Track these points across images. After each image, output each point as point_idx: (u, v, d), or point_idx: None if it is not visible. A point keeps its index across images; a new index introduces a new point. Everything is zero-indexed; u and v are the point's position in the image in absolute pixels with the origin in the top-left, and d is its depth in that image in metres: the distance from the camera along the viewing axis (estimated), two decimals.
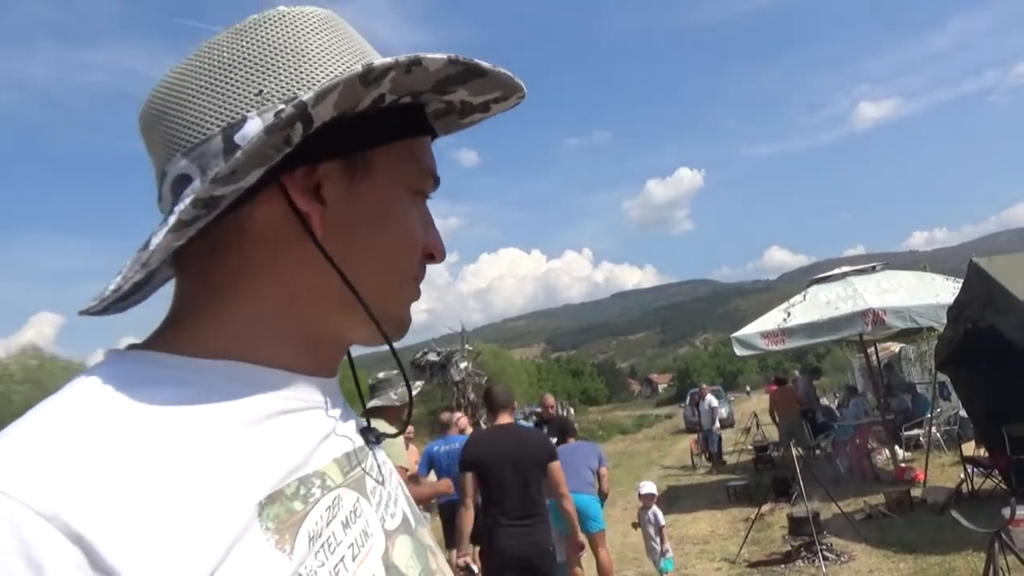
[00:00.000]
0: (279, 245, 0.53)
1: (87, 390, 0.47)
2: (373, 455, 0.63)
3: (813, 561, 5.83)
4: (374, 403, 3.46)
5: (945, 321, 7.06)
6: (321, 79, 0.52)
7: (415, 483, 6.56)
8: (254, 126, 0.50)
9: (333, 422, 0.58)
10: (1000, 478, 6.85)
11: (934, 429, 9.74)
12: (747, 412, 18.56)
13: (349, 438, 0.60)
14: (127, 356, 0.52)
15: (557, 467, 3.76)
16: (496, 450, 3.65)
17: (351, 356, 0.67)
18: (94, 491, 0.40)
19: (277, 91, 0.52)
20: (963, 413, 8.97)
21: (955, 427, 10.02)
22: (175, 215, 0.48)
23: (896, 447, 9.58)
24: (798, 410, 11.45)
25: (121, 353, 0.52)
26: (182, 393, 0.48)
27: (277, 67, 0.52)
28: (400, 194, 0.58)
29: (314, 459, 0.53)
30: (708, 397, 15.06)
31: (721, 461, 14.01)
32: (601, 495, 5.61)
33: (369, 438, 0.63)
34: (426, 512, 6.71)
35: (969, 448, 8.09)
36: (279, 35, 0.54)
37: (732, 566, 6.35)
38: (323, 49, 0.54)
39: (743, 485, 9.70)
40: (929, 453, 8.70)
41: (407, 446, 6.44)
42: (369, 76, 0.49)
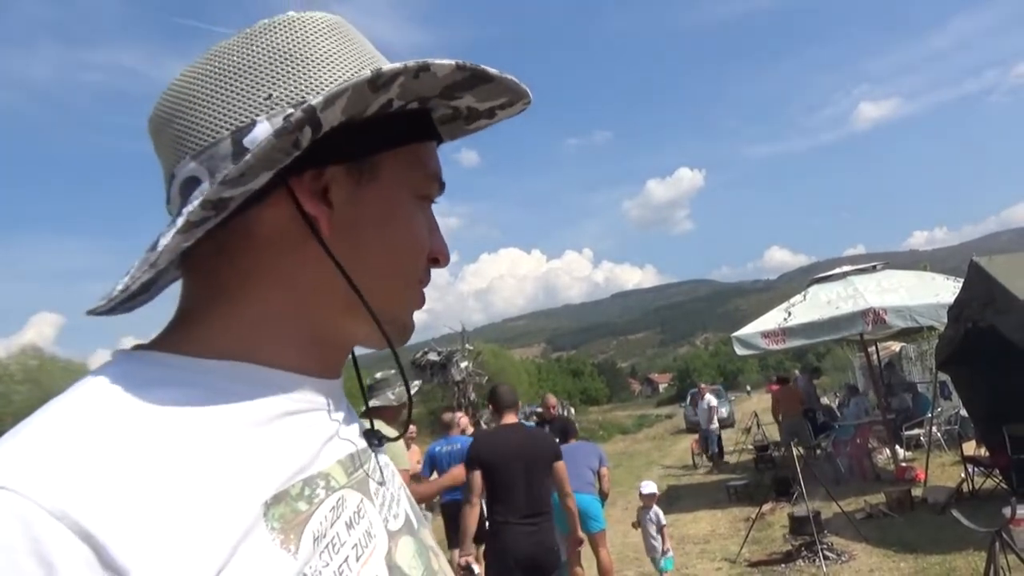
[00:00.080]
0: (286, 247, 0.54)
1: (95, 390, 0.47)
2: (376, 457, 0.63)
3: (814, 560, 5.83)
4: (372, 403, 3.47)
5: (945, 320, 7.06)
6: (329, 84, 0.53)
7: (417, 483, 6.58)
8: (263, 130, 0.50)
9: (337, 424, 0.58)
10: (1001, 478, 6.85)
11: (935, 428, 9.74)
12: (747, 412, 18.56)
13: (352, 440, 0.60)
14: (134, 357, 0.52)
15: (562, 467, 3.80)
16: (504, 449, 3.65)
17: (355, 357, 0.67)
18: (103, 490, 0.40)
19: (286, 95, 0.52)
20: (964, 412, 8.97)
21: (956, 426, 10.02)
22: (183, 216, 0.49)
23: (897, 446, 9.59)
24: (801, 409, 11.43)
25: (128, 354, 0.52)
26: (189, 394, 0.48)
27: (286, 71, 0.53)
28: (406, 198, 0.58)
29: (319, 460, 0.54)
30: (707, 396, 15.03)
31: (722, 461, 14.02)
32: (601, 495, 5.62)
33: (372, 440, 0.64)
34: (427, 512, 6.71)
35: (970, 447, 8.10)
36: (288, 40, 0.54)
37: (733, 566, 6.36)
38: (331, 54, 0.54)
39: (744, 485, 9.70)
40: (930, 452, 8.71)
41: (408, 446, 6.46)
42: (378, 81, 0.50)
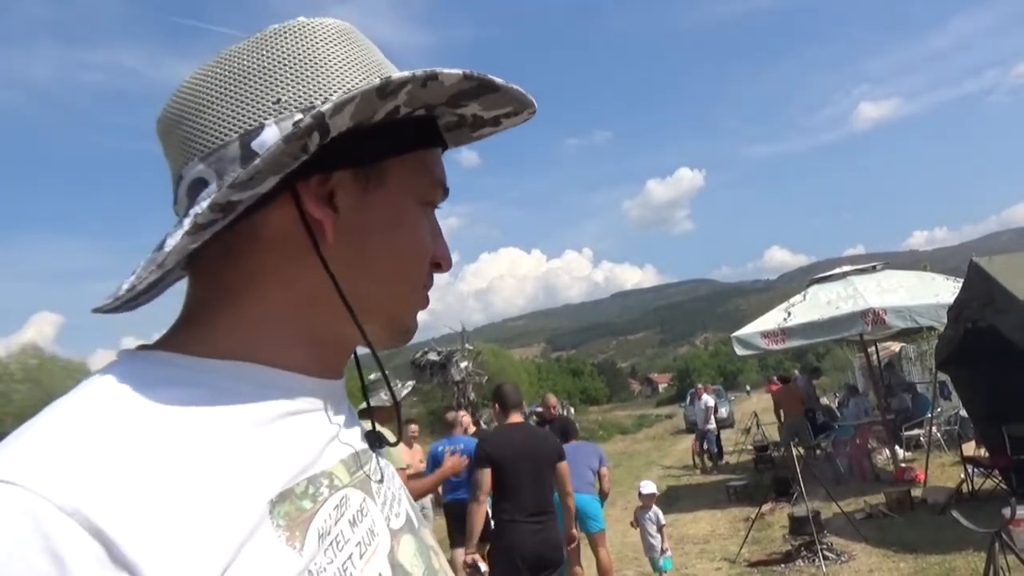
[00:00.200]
0: (290, 251, 0.54)
1: (102, 389, 0.47)
2: (376, 457, 0.64)
3: (813, 561, 5.83)
4: (364, 405, 3.48)
5: (945, 321, 7.06)
6: (337, 90, 0.53)
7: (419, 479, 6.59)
8: (271, 134, 0.51)
9: (339, 424, 0.59)
10: (1000, 478, 6.85)
11: (934, 429, 9.75)
12: (747, 412, 18.55)
13: (354, 440, 0.61)
14: (140, 356, 0.53)
15: (565, 467, 3.84)
16: (513, 448, 3.67)
17: (358, 358, 0.68)
18: (113, 487, 0.41)
19: (294, 100, 0.53)
20: (963, 413, 8.97)
21: (955, 427, 10.03)
22: (191, 218, 0.49)
23: (896, 447, 9.58)
24: (802, 409, 11.43)
25: (133, 354, 0.53)
26: (195, 393, 0.49)
27: (295, 77, 0.53)
28: (412, 204, 0.59)
29: (322, 459, 0.54)
30: (704, 396, 14.90)
31: (722, 461, 14.00)
32: (601, 495, 5.62)
33: (372, 441, 0.64)
34: (428, 510, 6.72)
35: (969, 448, 8.10)
36: (298, 45, 0.54)
37: (732, 566, 6.36)
38: (340, 60, 0.55)
39: (743, 485, 9.70)
40: (929, 453, 8.71)
41: (410, 445, 6.48)
42: (386, 89, 0.50)
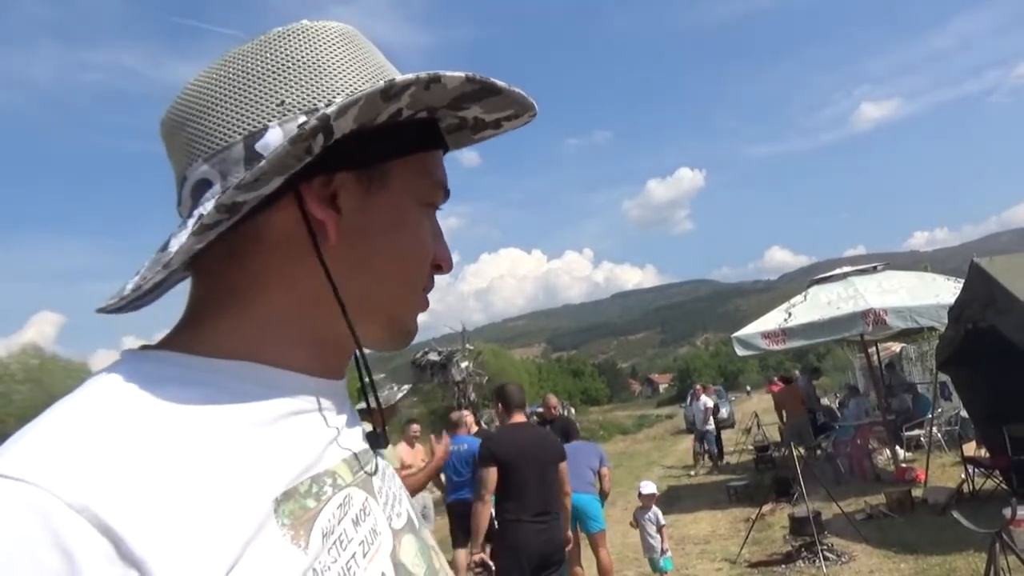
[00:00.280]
0: (294, 251, 0.55)
1: (108, 388, 0.48)
2: (377, 456, 0.64)
3: (814, 561, 5.83)
4: (360, 406, 3.50)
5: (946, 321, 7.06)
6: (340, 93, 0.54)
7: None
8: (275, 136, 0.52)
9: (341, 424, 0.60)
10: (1001, 478, 6.85)
11: (935, 429, 9.75)
12: (748, 412, 18.55)
13: (356, 440, 0.61)
14: (144, 356, 0.53)
15: (565, 467, 3.87)
16: (519, 448, 3.69)
17: (358, 360, 0.67)
18: (122, 485, 0.41)
19: (298, 102, 0.53)
20: (964, 413, 8.97)
21: (956, 427, 10.02)
22: (196, 218, 0.50)
23: (897, 447, 9.58)
24: (805, 409, 11.43)
25: (137, 353, 0.53)
26: (200, 393, 0.49)
27: (299, 79, 0.54)
28: (413, 205, 0.59)
29: (325, 459, 0.55)
30: (703, 397, 14.76)
31: (722, 461, 13.98)
32: (602, 495, 5.62)
33: (373, 441, 0.65)
34: (427, 508, 6.73)
35: (970, 448, 8.10)
36: (302, 48, 0.55)
37: (733, 566, 6.36)
38: (343, 63, 0.55)
39: (744, 485, 9.69)
40: (930, 453, 8.71)
41: (412, 445, 6.49)
42: (390, 91, 0.51)
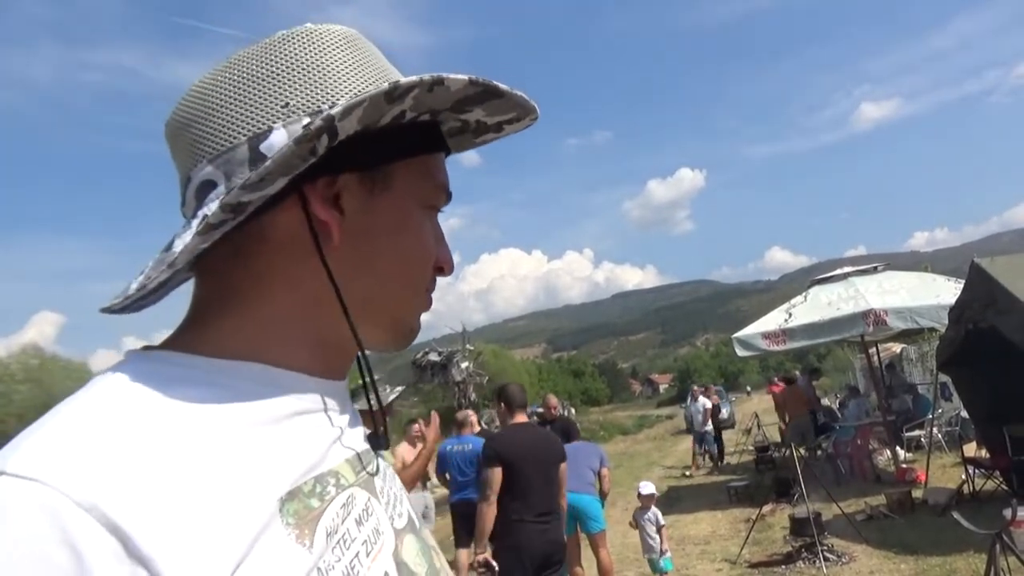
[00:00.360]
0: (298, 251, 0.55)
1: (114, 387, 0.48)
2: (378, 457, 0.65)
3: (814, 562, 5.82)
4: (358, 406, 3.51)
5: (946, 322, 7.06)
6: (344, 95, 0.54)
7: (422, 480, 6.63)
8: (279, 137, 0.52)
9: (343, 424, 0.60)
10: (1001, 479, 6.84)
11: (935, 430, 9.74)
12: (748, 413, 18.54)
13: (358, 440, 0.62)
14: (148, 356, 0.53)
15: (564, 468, 3.89)
16: (523, 448, 3.70)
17: (360, 361, 0.68)
18: (129, 483, 0.42)
19: (302, 104, 0.54)
20: (964, 414, 8.96)
21: (956, 428, 10.02)
22: (199, 219, 0.50)
23: (897, 448, 9.58)
24: (807, 410, 11.43)
25: (141, 353, 0.54)
26: (204, 393, 0.49)
27: (303, 81, 0.54)
28: (415, 207, 0.60)
29: (328, 459, 0.55)
30: (700, 398, 14.57)
31: (723, 462, 13.96)
32: (602, 495, 5.63)
33: (374, 442, 0.65)
34: (428, 508, 6.73)
35: (970, 449, 8.09)
36: (306, 51, 0.55)
37: (733, 567, 6.36)
38: (347, 66, 0.56)
39: (744, 486, 9.68)
40: (930, 454, 8.70)
41: (414, 444, 6.50)
42: (394, 93, 0.51)
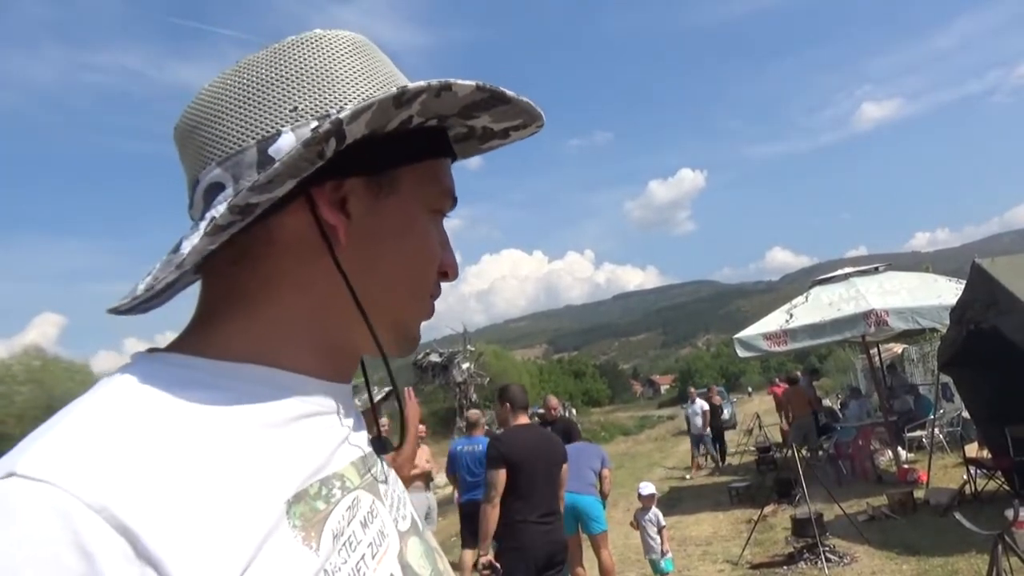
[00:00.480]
0: (305, 254, 0.55)
1: (123, 389, 0.48)
2: (381, 460, 0.65)
3: (816, 563, 5.82)
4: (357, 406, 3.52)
5: (948, 322, 7.05)
6: (352, 100, 0.55)
7: (425, 480, 6.64)
8: (288, 140, 0.52)
9: (348, 427, 0.60)
10: (1003, 480, 6.84)
11: (937, 430, 9.72)
12: (749, 413, 18.53)
13: (362, 443, 0.62)
14: (154, 358, 0.53)
15: (566, 468, 3.90)
16: (527, 449, 3.70)
17: (364, 364, 0.68)
18: (138, 485, 0.42)
19: (311, 108, 0.54)
20: (966, 414, 8.95)
21: (958, 428, 10.01)
22: (207, 220, 0.51)
23: (899, 448, 9.57)
24: (810, 410, 11.42)
25: (147, 355, 0.54)
26: (211, 395, 0.50)
27: (311, 86, 0.55)
28: (421, 212, 0.60)
29: (333, 461, 0.55)
30: (698, 401, 14.38)
31: (724, 463, 13.94)
32: (603, 496, 5.62)
33: (377, 446, 0.65)
34: (431, 510, 6.74)
35: (972, 450, 8.08)
36: (315, 56, 0.56)
37: (735, 568, 6.35)
38: (355, 72, 0.57)
39: (745, 486, 9.68)
40: (932, 454, 8.69)
41: (418, 445, 6.50)
42: (402, 98, 0.52)
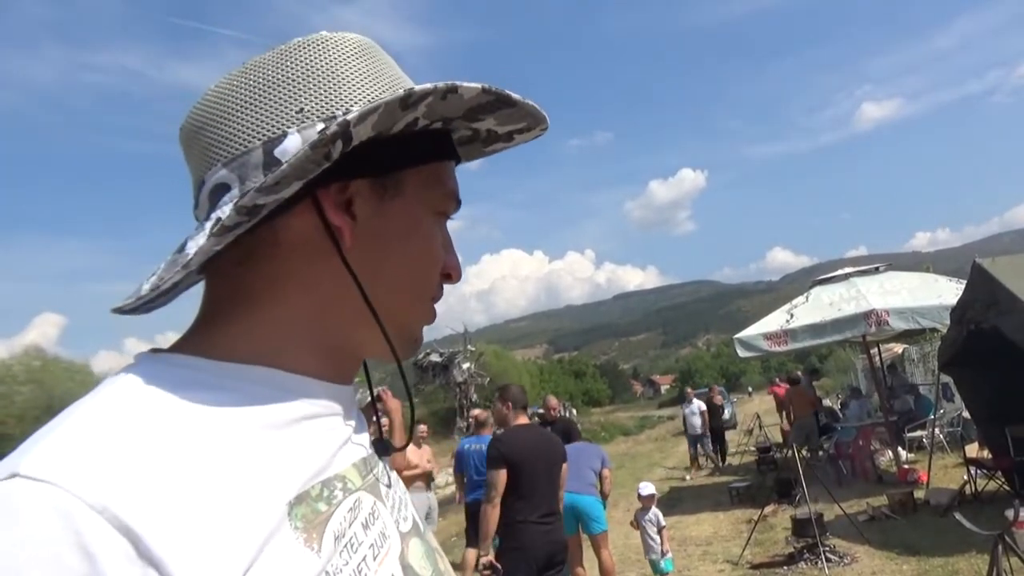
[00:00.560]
0: (310, 256, 0.56)
1: (126, 389, 0.48)
2: (382, 462, 0.65)
3: (816, 563, 5.82)
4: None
5: (948, 322, 7.05)
6: (358, 102, 0.55)
7: (426, 480, 6.64)
8: (294, 142, 0.53)
9: (350, 429, 0.60)
10: (1003, 480, 6.84)
11: (937, 430, 9.72)
12: (749, 413, 18.53)
13: (364, 444, 0.62)
14: (157, 359, 0.53)
15: (565, 468, 3.91)
16: (528, 449, 3.70)
17: (367, 366, 0.69)
18: (140, 486, 0.42)
19: (317, 110, 0.54)
20: (966, 414, 8.95)
21: (958, 428, 10.01)
22: (213, 221, 0.51)
23: (899, 448, 9.57)
24: (812, 410, 11.41)
25: (151, 356, 0.54)
26: (214, 396, 0.50)
27: (318, 88, 0.55)
28: (426, 214, 0.60)
29: (335, 463, 0.55)
30: (695, 401, 14.26)
31: (724, 463, 13.94)
32: (603, 496, 5.63)
33: (379, 448, 0.66)
34: (432, 510, 6.75)
35: (972, 450, 8.08)
36: (321, 58, 0.56)
37: (735, 568, 6.35)
38: (361, 74, 0.57)
39: (746, 486, 9.68)
40: (932, 454, 8.68)
41: (419, 446, 6.51)
42: (408, 100, 0.52)
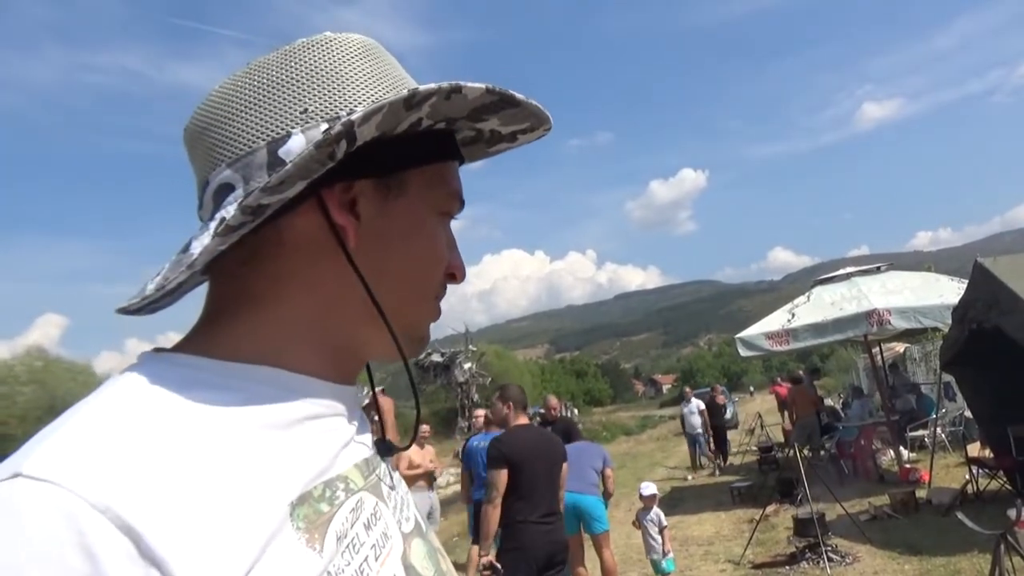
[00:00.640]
0: (314, 256, 0.56)
1: (129, 389, 0.49)
2: (385, 462, 0.65)
3: (818, 562, 5.82)
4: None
5: (950, 321, 7.04)
6: (362, 102, 0.55)
7: (428, 480, 6.65)
8: (298, 142, 0.53)
9: (353, 429, 0.60)
10: (1005, 479, 6.83)
11: (939, 430, 9.71)
12: (751, 413, 18.52)
13: (366, 445, 0.62)
14: (161, 359, 0.53)
15: (565, 468, 3.91)
16: (528, 449, 3.71)
17: (369, 366, 0.69)
18: (143, 486, 0.42)
19: (321, 110, 0.54)
20: (968, 414, 8.95)
21: (960, 428, 10.01)
22: (217, 220, 0.51)
23: (901, 448, 9.56)
24: (814, 410, 11.41)
25: (154, 356, 0.54)
26: (217, 396, 0.50)
27: (322, 88, 0.55)
28: (429, 214, 0.60)
29: (337, 463, 0.55)
30: (693, 401, 14.09)
31: (725, 463, 13.92)
32: (605, 496, 5.63)
33: (381, 448, 0.66)
34: (434, 510, 6.76)
35: (974, 449, 8.07)
36: (325, 59, 0.56)
37: (736, 568, 6.35)
38: (365, 74, 0.57)
39: (747, 486, 9.67)
40: (934, 454, 8.67)
41: (422, 446, 6.52)
42: (413, 100, 0.52)
